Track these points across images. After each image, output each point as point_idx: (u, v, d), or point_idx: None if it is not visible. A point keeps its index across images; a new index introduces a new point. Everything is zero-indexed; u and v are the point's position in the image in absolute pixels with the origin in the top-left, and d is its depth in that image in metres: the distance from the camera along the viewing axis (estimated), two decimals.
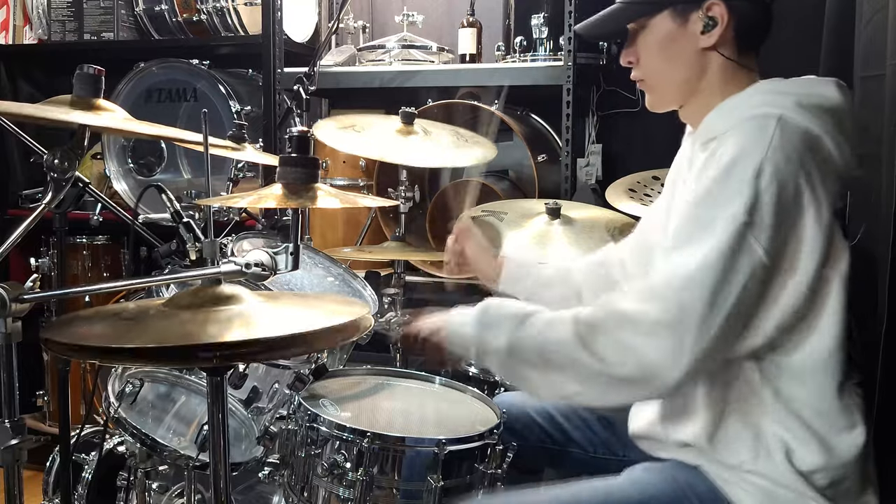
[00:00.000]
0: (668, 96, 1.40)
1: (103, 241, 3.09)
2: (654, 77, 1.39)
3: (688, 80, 1.35)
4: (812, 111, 1.23)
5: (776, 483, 1.24)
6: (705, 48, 1.32)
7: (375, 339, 2.05)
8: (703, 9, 1.30)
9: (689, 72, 1.35)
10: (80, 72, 1.34)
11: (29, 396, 3.04)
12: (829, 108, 1.25)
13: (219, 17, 2.90)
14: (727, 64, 1.33)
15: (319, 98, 3.07)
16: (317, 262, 2.15)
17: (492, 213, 2.25)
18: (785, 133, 1.19)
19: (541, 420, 1.60)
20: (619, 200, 2.19)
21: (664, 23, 1.33)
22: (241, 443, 1.76)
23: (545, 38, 2.57)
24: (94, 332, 1.11)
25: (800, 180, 1.19)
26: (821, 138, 1.22)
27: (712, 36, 1.30)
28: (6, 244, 1.16)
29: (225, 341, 1.03)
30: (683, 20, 1.32)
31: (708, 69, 1.34)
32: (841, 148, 1.24)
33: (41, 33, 3.19)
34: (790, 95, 1.25)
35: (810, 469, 1.23)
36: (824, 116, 1.24)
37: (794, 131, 1.20)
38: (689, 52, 1.33)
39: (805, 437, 1.24)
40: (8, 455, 1.14)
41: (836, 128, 1.24)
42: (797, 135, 1.20)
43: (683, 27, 1.32)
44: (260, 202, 1.29)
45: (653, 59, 1.37)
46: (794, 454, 1.23)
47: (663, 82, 1.39)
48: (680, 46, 1.33)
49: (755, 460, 1.25)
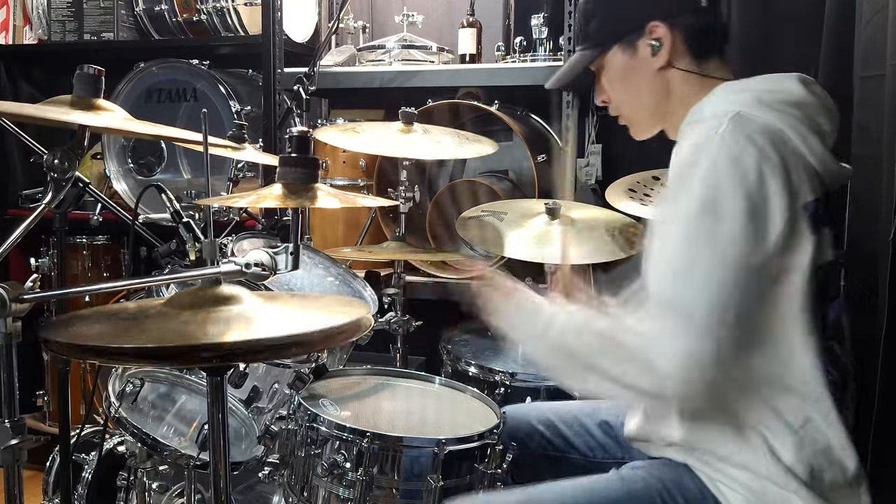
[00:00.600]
0: (644, 123, 1.45)
1: (103, 241, 3.09)
2: (626, 109, 1.44)
3: (657, 103, 1.39)
4: (773, 105, 1.24)
5: (760, 476, 1.24)
6: (660, 68, 1.35)
7: (375, 339, 2.05)
8: (647, 33, 1.34)
9: (654, 95, 1.39)
10: (80, 72, 1.34)
11: (29, 396, 3.04)
12: (794, 102, 1.26)
13: (219, 17, 2.90)
14: (689, 76, 1.35)
15: (319, 98, 3.06)
16: (317, 262, 2.15)
17: (492, 213, 2.25)
18: (739, 126, 1.20)
19: (542, 428, 1.60)
20: (619, 200, 2.19)
21: (616, 57, 1.39)
22: (242, 442, 1.76)
23: (545, 38, 2.58)
24: (92, 332, 1.11)
25: (763, 168, 1.18)
26: (783, 132, 1.22)
27: (661, 56, 1.34)
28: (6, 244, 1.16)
29: (224, 342, 1.03)
30: (633, 49, 1.37)
31: (671, 86, 1.37)
32: (808, 141, 1.24)
33: (41, 33, 3.19)
34: (749, 92, 1.27)
35: (791, 461, 1.23)
36: (788, 110, 1.24)
37: (750, 125, 1.21)
38: (648, 77, 1.37)
39: (781, 430, 1.24)
40: (8, 455, 1.14)
41: (801, 122, 1.24)
42: (755, 127, 1.21)
43: (634, 56, 1.37)
44: (260, 202, 1.30)
45: (619, 92, 1.42)
46: (774, 447, 1.24)
47: (636, 111, 1.44)
48: (638, 74, 1.38)
49: (739, 454, 1.25)
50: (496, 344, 2.04)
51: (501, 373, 1.86)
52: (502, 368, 1.87)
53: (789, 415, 1.24)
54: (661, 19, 1.34)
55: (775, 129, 1.22)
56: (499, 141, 2.30)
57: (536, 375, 1.84)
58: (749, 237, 1.17)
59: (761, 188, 1.18)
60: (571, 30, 2.44)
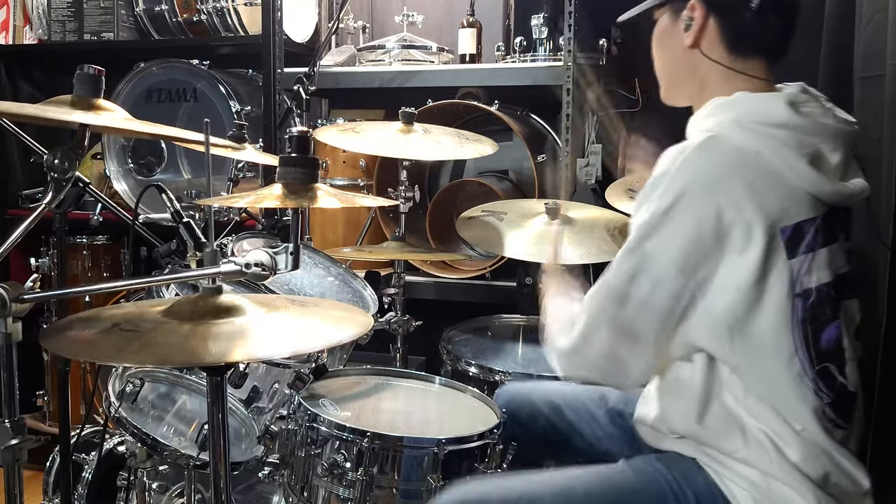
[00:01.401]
0: (668, 90, 1.45)
1: (103, 241, 3.09)
2: (658, 70, 1.45)
3: (682, 78, 1.41)
4: (752, 128, 1.24)
5: (766, 473, 1.24)
6: (689, 47, 1.36)
7: (375, 338, 2.05)
8: (688, 7, 1.35)
9: (679, 69, 1.40)
10: (80, 72, 1.34)
11: (29, 396, 3.04)
12: (775, 123, 1.25)
13: (219, 17, 2.90)
14: (719, 70, 1.34)
15: (319, 98, 3.06)
16: (317, 262, 2.15)
17: (492, 213, 2.25)
18: (705, 151, 1.22)
19: (547, 410, 1.60)
20: (619, 200, 2.19)
21: (663, 17, 1.41)
22: (242, 442, 1.76)
23: (545, 38, 2.58)
24: (94, 344, 1.10)
25: (719, 198, 1.19)
26: (760, 154, 1.22)
27: (689, 35, 1.35)
28: (6, 244, 1.16)
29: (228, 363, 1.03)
30: (676, 17, 1.38)
31: (698, 69, 1.36)
32: (791, 163, 1.22)
33: (41, 33, 3.19)
34: (730, 112, 1.27)
35: (797, 460, 1.23)
36: (768, 132, 1.23)
37: (722, 151, 1.22)
38: (678, 49, 1.38)
39: (785, 432, 1.24)
40: (8, 455, 1.14)
41: (784, 144, 1.23)
42: (722, 152, 1.22)
43: (675, 24, 1.37)
44: (260, 202, 1.30)
45: (656, 51, 1.44)
46: (779, 446, 1.24)
47: (661, 75, 1.45)
48: (671, 42, 1.39)
49: (745, 450, 1.26)
50: (496, 344, 2.04)
51: (501, 373, 1.86)
52: (502, 368, 1.87)
53: (790, 419, 1.24)
54: (701, 0, 1.33)
55: (749, 151, 1.22)
56: (499, 141, 2.30)
57: (536, 375, 1.84)
58: (689, 260, 1.21)
59: (717, 216, 1.19)
60: (571, 30, 2.44)
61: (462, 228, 2.23)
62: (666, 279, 1.22)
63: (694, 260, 1.21)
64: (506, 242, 2.12)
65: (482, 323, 2.29)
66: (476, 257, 2.75)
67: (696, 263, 1.21)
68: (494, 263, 2.58)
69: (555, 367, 1.39)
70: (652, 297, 1.24)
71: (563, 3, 2.45)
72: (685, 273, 1.21)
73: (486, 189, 2.65)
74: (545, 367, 1.79)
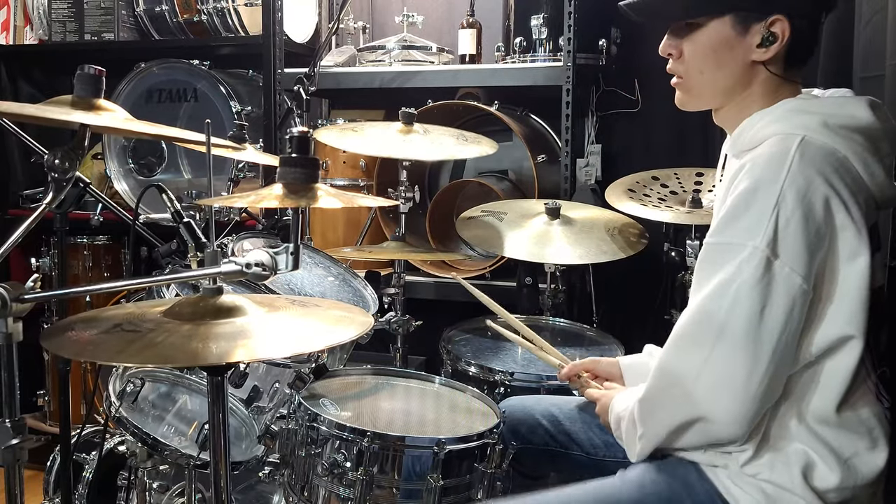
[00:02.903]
0: (703, 99, 1.36)
1: (104, 241, 3.09)
2: (695, 77, 1.33)
3: (731, 88, 1.31)
4: (838, 131, 1.20)
5: (783, 489, 1.22)
6: (756, 61, 1.28)
7: (375, 338, 2.05)
8: (767, 22, 1.25)
9: (733, 81, 1.30)
10: (80, 72, 1.34)
11: (29, 396, 3.04)
12: (858, 127, 1.22)
13: (219, 17, 2.91)
14: (773, 79, 1.30)
15: (319, 98, 3.07)
16: (317, 262, 2.16)
17: (492, 213, 2.25)
18: (806, 155, 1.17)
19: (545, 423, 1.61)
20: (619, 201, 2.20)
21: (723, 27, 1.28)
22: (242, 442, 1.76)
23: (545, 39, 2.58)
24: (95, 345, 1.10)
25: (830, 200, 1.16)
26: (847, 159, 1.20)
27: (769, 51, 1.26)
28: (7, 244, 1.16)
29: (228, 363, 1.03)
30: (744, 29, 1.27)
31: (753, 82, 1.30)
32: (870, 168, 1.21)
33: (42, 34, 3.20)
34: (816, 115, 1.22)
35: (826, 488, 1.21)
36: (853, 137, 1.21)
37: (817, 152, 1.18)
38: (740, 63, 1.28)
39: (824, 454, 1.21)
40: (8, 455, 1.14)
41: (865, 148, 1.21)
42: (821, 155, 1.18)
43: (742, 36, 1.27)
44: (260, 202, 1.30)
45: (699, 59, 1.31)
46: (813, 471, 1.21)
47: (703, 85, 1.34)
48: (733, 55, 1.28)
49: (760, 462, 1.23)
50: (496, 344, 2.04)
51: (501, 372, 1.86)
52: (502, 368, 1.87)
53: (839, 444, 1.22)
54: (787, 15, 1.25)
55: (840, 156, 1.19)
56: (499, 141, 2.30)
57: (536, 375, 1.84)
58: (819, 269, 1.16)
59: (828, 222, 1.16)
60: (571, 30, 2.44)
61: (462, 228, 2.23)
62: (799, 290, 1.16)
63: (814, 263, 1.17)
64: (506, 242, 2.12)
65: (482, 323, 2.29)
66: (476, 257, 2.75)
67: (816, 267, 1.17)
68: (494, 263, 2.59)
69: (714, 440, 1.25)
70: (791, 314, 1.16)
71: (562, 4, 2.45)
72: (808, 280, 1.16)
73: (486, 189, 2.65)
74: (544, 367, 1.80)
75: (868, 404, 1.24)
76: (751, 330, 1.16)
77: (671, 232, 2.27)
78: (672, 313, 2.31)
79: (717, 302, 1.18)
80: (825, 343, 1.20)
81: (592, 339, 2.17)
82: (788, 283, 1.15)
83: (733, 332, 1.17)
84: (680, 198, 2.24)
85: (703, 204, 2.15)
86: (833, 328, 1.19)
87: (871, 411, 1.24)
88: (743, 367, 1.17)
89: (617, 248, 2.09)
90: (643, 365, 1.65)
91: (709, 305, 1.19)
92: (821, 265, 1.17)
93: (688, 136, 2.72)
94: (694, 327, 1.22)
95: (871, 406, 1.25)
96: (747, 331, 1.16)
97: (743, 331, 1.16)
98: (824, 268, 1.18)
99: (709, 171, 2.27)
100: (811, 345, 1.20)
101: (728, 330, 1.17)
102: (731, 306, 1.17)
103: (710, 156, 2.56)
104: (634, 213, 2.15)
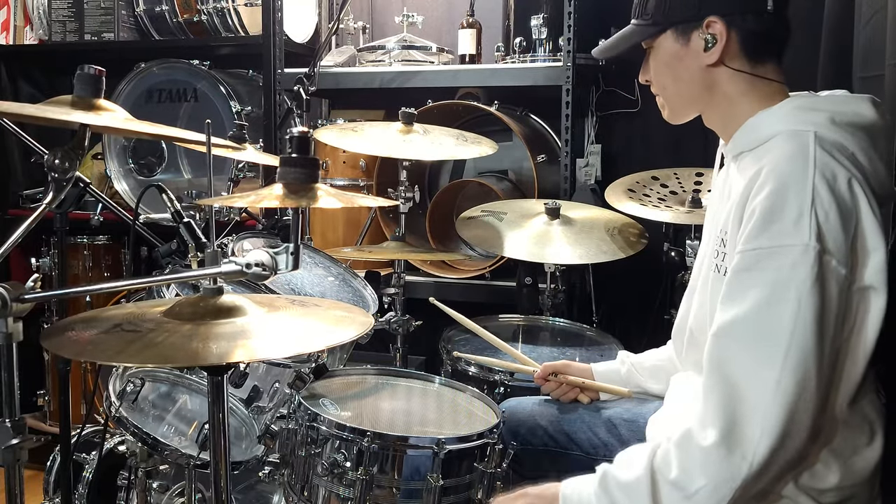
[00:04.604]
0: (680, 111, 1.41)
1: (104, 241, 3.10)
2: (666, 94, 1.40)
3: (698, 95, 1.35)
4: (845, 128, 1.21)
5: (778, 495, 1.21)
6: (710, 65, 1.31)
7: (375, 338, 2.05)
8: (703, 27, 1.30)
9: (697, 87, 1.34)
10: (80, 72, 1.34)
11: (29, 396, 3.05)
12: (863, 125, 1.23)
13: (219, 17, 2.91)
14: (738, 75, 1.31)
15: (319, 98, 3.07)
16: (317, 262, 2.16)
17: (492, 213, 2.25)
18: (825, 148, 1.17)
19: (545, 423, 1.61)
20: (619, 201, 2.20)
21: (668, 42, 1.34)
22: (242, 442, 1.76)
23: (544, 39, 2.58)
24: (95, 345, 1.11)
25: (853, 186, 1.16)
26: (855, 155, 1.20)
27: (714, 53, 1.30)
28: (7, 244, 1.16)
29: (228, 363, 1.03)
30: (686, 39, 1.32)
31: (718, 83, 1.32)
32: (874, 164, 1.22)
33: (42, 34, 3.20)
34: (823, 112, 1.23)
35: (824, 487, 1.21)
36: (858, 134, 1.22)
37: (832, 146, 1.18)
38: (695, 70, 1.33)
39: (825, 455, 1.21)
40: (9, 454, 1.14)
41: (869, 145, 1.22)
42: (836, 149, 1.18)
43: (686, 46, 1.32)
44: (260, 202, 1.30)
45: (661, 76, 1.39)
46: (810, 472, 1.21)
47: (674, 98, 1.40)
48: (685, 65, 1.33)
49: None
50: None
51: (501, 372, 1.86)
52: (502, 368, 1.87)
53: (842, 442, 1.21)
54: (720, 15, 1.28)
55: (849, 152, 1.20)
56: (498, 141, 2.31)
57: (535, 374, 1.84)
58: (847, 265, 1.15)
59: (855, 206, 1.16)
60: (571, 30, 2.44)
61: (462, 228, 2.24)
62: (845, 282, 1.14)
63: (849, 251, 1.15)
64: (505, 242, 2.12)
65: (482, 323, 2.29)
66: (476, 257, 2.75)
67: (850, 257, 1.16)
68: (494, 263, 2.59)
69: None
70: (840, 306, 1.14)
71: (562, 4, 2.46)
72: (848, 268, 1.15)
73: (486, 189, 2.65)
74: None
75: (871, 401, 1.25)
76: (817, 331, 1.12)
77: (671, 232, 2.28)
78: (671, 313, 2.31)
79: (777, 308, 1.13)
80: (848, 328, 1.18)
81: (592, 339, 2.17)
82: (836, 275, 1.14)
83: (803, 337, 1.12)
84: (680, 198, 2.24)
85: (703, 204, 2.15)
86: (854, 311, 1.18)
87: (872, 406, 1.25)
88: (815, 373, 1.12)
89: (617, 248, 2.10)
90: (615, 372, 1.68)
91: (765, 312, 1.14)
92: (852, 250, 1.16)
93: (687, 136, 2.71)
94: (756, 339, 1.15)
95: (873, 402, 1.26)
96: (815, 332, 1.12)
97: (812, 333, 1.12)
98: (855, 253, 1.16)
99: (708, 171, 2.27)
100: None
101: (796, 337, 1.12)
102: (795, 310, 1.12)
103: (709, 156, 2.54)
104: (634, 213, 2.15)
